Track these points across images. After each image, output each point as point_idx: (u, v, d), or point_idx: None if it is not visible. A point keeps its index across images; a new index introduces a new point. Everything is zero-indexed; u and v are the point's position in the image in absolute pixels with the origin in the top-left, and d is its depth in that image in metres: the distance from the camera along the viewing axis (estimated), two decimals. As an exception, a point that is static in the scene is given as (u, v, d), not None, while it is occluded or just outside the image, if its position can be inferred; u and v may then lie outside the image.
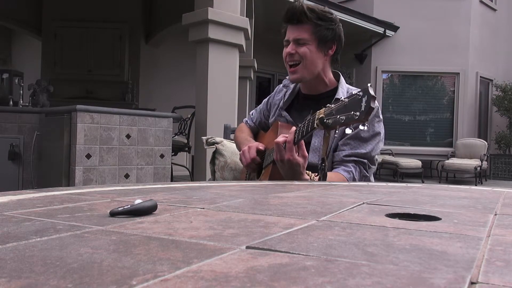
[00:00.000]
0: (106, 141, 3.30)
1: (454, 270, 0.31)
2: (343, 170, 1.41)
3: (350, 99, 1.03)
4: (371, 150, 1.44)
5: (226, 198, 0.70)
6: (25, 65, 8.01)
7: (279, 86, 1.72)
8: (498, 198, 0.80)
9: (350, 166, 1.41)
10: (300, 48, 1.45)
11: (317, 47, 1.46)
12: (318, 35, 1.44)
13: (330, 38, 1.46)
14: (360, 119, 1.00)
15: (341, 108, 1.05)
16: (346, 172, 1.40)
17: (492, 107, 10.09)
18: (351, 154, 1.42)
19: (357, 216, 0.55)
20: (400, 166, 8.26)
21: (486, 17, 9.81)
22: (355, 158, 1.42)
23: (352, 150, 1.43)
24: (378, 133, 1.46)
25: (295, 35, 1.45)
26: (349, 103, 1.03)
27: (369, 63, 9.35)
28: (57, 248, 0.35)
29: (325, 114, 1.09)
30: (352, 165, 1.42)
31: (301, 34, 1.45)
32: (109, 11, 6.84)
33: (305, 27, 1.45)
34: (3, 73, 4.32)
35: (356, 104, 1.01)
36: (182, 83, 7.28)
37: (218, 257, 0.33)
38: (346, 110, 1.03)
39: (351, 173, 1.41)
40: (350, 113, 1.01)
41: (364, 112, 0.99)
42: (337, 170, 1.42)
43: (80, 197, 0.69)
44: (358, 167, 1.42)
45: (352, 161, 1.42)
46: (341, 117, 1.04)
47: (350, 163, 1.42)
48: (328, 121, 1.07)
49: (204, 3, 3.99)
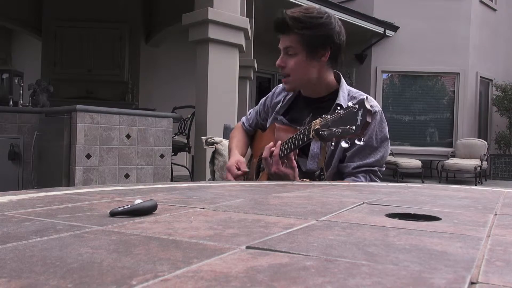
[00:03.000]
0: (106, 141, 3.30)
1: (454, 270, 0.31)
2: (352, 181, 1.38)
3: (346, 112, 1.01)
4: (381, 157, 1.40)
5: (226, 198, 0.70)
6: (25, 65, 8.01)
7: (278, 87, 1.67)
8: (498, 198, 0.80)
9: (360, 177, 1.39)
10: (289, 60, 1.40)
11: (307, 56, 1.38)
12: (306, 44, 1.37)
13: (320, 45, 1.38)
14: (356, 133, 0.97)
15: (337, 120, 1.02)
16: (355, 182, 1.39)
17: (492, 107, 10.09)
18: (360, 165, 1.39)
19: (357, 216, 0.55)
20: (400, 166, 8.26)
21: (486, 17, 9.81)
22: (364, 169, 1.39)
23: (361, 161, 1.39)
24: (386, 138, 1.42)
25: (284, 44, 1.40)
26: (345, 116, 1.00)
27: (369, 63, 9.35)
28: (57, 248, 0.35)
29: (320, 126, 1.07)
30: (362, 175, 1.39)
31: (289, 43, 1.39)
32: (109, 11, 6.83)
33: (292, 37, 1.38)
34: (3, 73, 4.32)
35: (352, 118, 0.98)
36: (182, 83, 7.28)
37: (218, 257, 0.33)
38: (342, 123, 1.00)
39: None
40: (346, 127, 0.99)
41: (359, 127, 0.96)
42: (346, 180, 1.40)
43: (80, 197, 0.69)
44: (368, 175, 1.39)
45: (362, 171, 1.39)
46: (337, 130, 1.01)
47: (360, 174, 1.39)
48: (323, 133, 1.05)
49: (204, 3, 3.99)
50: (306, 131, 1.15)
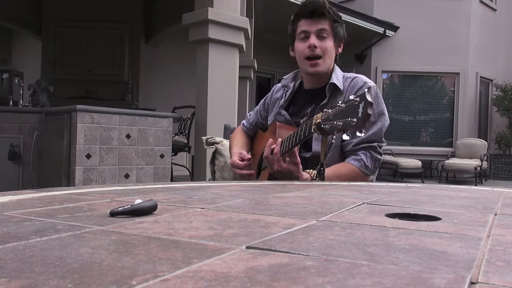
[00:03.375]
0: (106, 141, 3.30)
1: (454, 270, 0.31)
2: (352, 160, 1.41)
3: (347, 105, 1.02)
4: (379, 131, 1.43)
5: (226, 198, 0.70)
6: (25, 65, 8.00)
7: (276, 85, 1.71)
8: (498, 198, 0.80)
9: (359, 154, 1.41)
10: (322, 42, 1.46)
11: (334, 42, 1.48)
12: (336, 31, 1.48)
13: (342, 36, 1.50)
14: (357, 126, 0.99)
15: (338, 113, 1.04)
16: (356, 161, 1.40)
17: (492, 107, 10.08)
18: (359, 142, 1.41)
19: (357, 216, 0.55)
20: (400, 166, 8.26)
21: (486, 17, 9.81)
22: (364, 145, 1.41)
23: (359, 138, 1.40)
24: (383, 113, 1.45)
25: (320, 26, 1.45)
26: (346, 109, 1.02)
27: (369, 63, 9.35)
28: (57, 248, 0.35)
29: (322, 119, 1.08)
30: (361, 152, 1.41)
31: (324, 26, 1.46)
32: (109, 11, 6.83)
33: (326, 22, 1.46)
34: (3, 73, 4.32)
35: (353, 110, 0.99)
36: (182, 83, 7.28)
37: (218, 257, 0.33)
38: (343, 115, 1.02)
39: (362, 161, 1.40)
40: (347, 120, 1.00)
41: (361, 119, 0.98)
42: (347, 160, 1.42)
43: (80, 197, 0.69)
44: (368, 152, 1.42)
45: (362, 148, 1.41)
46: (338, 123, 1.03)
47: (359, 151, 1.41)
48: (325, 126, 1.06)
49: (204, 3, 3.99)
50: (308, 125, 1.15)
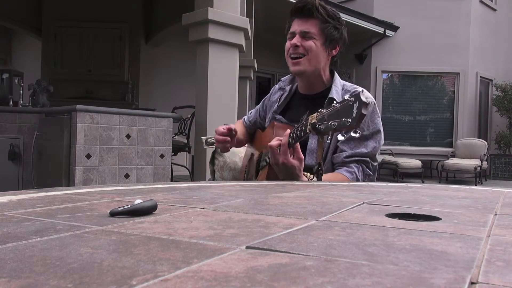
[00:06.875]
0: (106, 141, 3.30)
1: (454, 270, 0.31)
2: (345, 171, 1.38)
3: (341, 105, 1.01)
4: (373, 148, 1.40)
5: (226, 198, 0.70)
6: (25, 65, 8.01)
7: (275, 87, 1.69)
8: (498, 198, 0.80)
9: (352, 167, 1.38)
10: (306, 42, 1.43)
11: (323, 44, 1.44)
12: (326, 32, 1.43)
13: (336, 38, 1.46)
14: (352, 126, 0.98)
15: (333, 113, 1.03)
16: (348, 173, 1.37)
17: (492, 107, 10.08)
18: (352, 154, 1.39)
19: (357, 216, 0.55)
20: (400, 166, 8.26)
21: (486, 17, 9.81)
22: (356, 158, 1.39)
23: (352, 150, 1.39)
24: (379, 131, 1.42)
25: (303, 27, 1.43)
26: (341, 109, 1.01)
27: (369, 63, 9.35)
28: (57, 248, 0.35)
29: (317, 119, 1.08)
30: (354, 165, 1.38)
31: (309, 28, 1.43)
32: (109, 11, 6.83)
33: (314, 22, 1.43)
34: (3, 73, 4.31)
35: (348, 110, 0.99)
36: (182, 83, 7.28)
37: (218, 257, 0.33)
38: (338, 116, 1.01)
39: (354, 174, 1.37)
40: (342, 120, 0.99)
41: (355, 119, 0.97)
42: (339, 171, 1.39)
43: (80, 197, 0.69)
44: (361, 166, 1.39)
45: (354, 161, 1.39)
46: (333, 123, 1.02)
47: (352, 164, 1.39)
48: (320, 126, 1.06)
49: (204, 3, 3.98)
50: (303, 126, 1.14)
